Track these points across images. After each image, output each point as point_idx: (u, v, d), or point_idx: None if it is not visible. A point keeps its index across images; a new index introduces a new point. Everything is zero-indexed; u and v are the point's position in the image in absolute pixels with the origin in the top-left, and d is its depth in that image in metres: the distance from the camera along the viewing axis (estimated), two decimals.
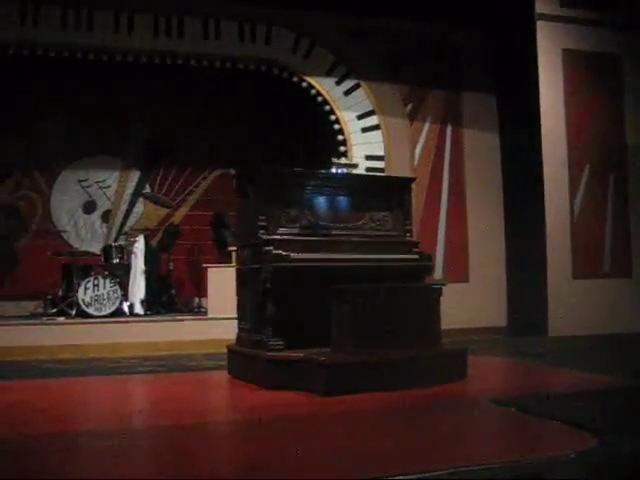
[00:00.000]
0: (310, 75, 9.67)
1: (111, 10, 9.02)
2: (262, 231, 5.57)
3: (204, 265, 9.29)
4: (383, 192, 6.21)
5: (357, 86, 9.78)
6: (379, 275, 5.68)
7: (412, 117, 10.08)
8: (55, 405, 5.07)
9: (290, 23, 9.57)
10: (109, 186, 11.03)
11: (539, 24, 9.73)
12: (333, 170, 6.37)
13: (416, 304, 5.53)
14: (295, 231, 5.70)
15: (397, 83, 9.97)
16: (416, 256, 6.03)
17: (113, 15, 9.02)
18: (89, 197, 10.98)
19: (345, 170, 6.47)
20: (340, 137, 9.71)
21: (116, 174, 11.12)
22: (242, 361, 5.84)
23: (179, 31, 9.23)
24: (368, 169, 9.70)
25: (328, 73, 9.69)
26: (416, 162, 10.04)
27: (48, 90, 10.33)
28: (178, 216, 11.17)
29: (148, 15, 9.16)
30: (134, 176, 11.21)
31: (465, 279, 10.10)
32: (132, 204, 11.12)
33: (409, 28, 9.97)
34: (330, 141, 9.77)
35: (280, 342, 5.39)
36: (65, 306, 9.01)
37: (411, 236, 6.24)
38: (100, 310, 8.86)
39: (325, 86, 9.70)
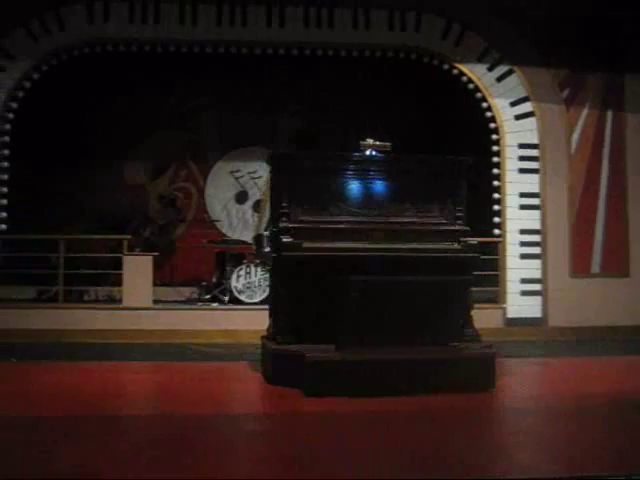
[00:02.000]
0: (461, 62, 9.42)
1: (263, 5, 9.23)
2: (283, 218, 5.36)
3: None
4: (431, 176, 5.72)
5: (510, 72, 9.41)
6: (409, 267, 5.22)
7: (569, 103, 9.57)
8: (204, 387, 5.28)
9: (440, 9, 9.36)
10: (260, 176, 11.32)
11: None
12: (367, 153, 5.80)
13: (433, 301, 5.01)
14: (320, 218, 5.41)
15: (553, 67, 9.50)
16: (458, 246, 5.52)
17: (265, 9, 9.22)
18: (241, 187, 11.33)
19: (375, 152, 5.85)
20: (492, 125, 9.40)
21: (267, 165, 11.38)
22: (263, 354, 5.71)
23: (329, 22, 9.28)
24: (521, 158, 9.36)
25: (480, 59, 9.39)
26: (573, 150, 9.55)
27: (203, 85, 10.75)
28: None
29: (299, 8, 9.28)
30: None
31: (625, 273, 9.51)
32: None
33: (564, 8, 9.44)
34: (482, 129, 9.49)
35: (286, 335, 5.15)
36: (218, 293, 9.34)
37: (462, 224, 5.71)
38: (251, 297, 9.12)
39: (477, 72, 9.42)
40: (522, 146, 9.39)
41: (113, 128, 10.55)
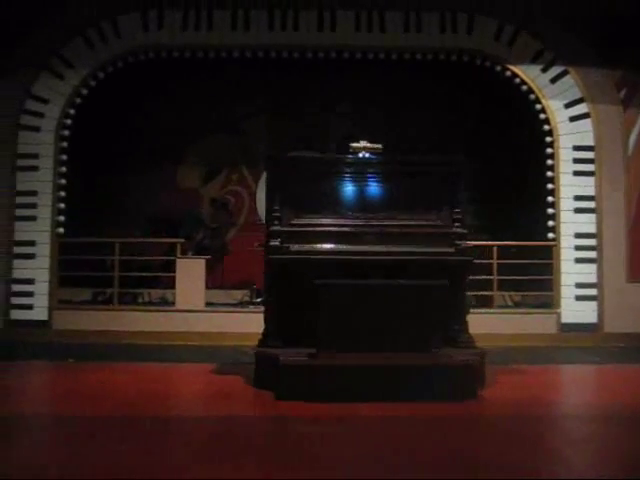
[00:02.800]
0: (514, 63, 9.30)
1: (314, 10, 9.27)
2: (275, 222, 5.32)
3: None
4: (426, 177, 5.63)
5: (565, 73, 9.24)
6: (397, 270, 5.15)
7: (626, 103, 9.35)
8: (174, 389, 5.50)
9: (493, 10, 9.26)
10: None
11: None
12: (360, 155, 5.73)
13: (417, 305, 4.90)
14: (312, 222, 5.38)
15: (609, 67, 9.28)
16: (451, 249, 5.41)
17: (317, 14, 9.27)
18: None
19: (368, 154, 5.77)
20: (546, 127, 9.25)
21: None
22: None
23: (380, 25, 9.27)
24: (576, 160, 9.19)
25: (533, 60, 9.25)
26: (630, 152, 9.32)
27: (255, 89, 10.84)
28: None
29: (350, 11, 9.30)
30: None
31: None
32: None
33: (621, 6, 9.21)
34: (536, 132, 9.36)
35: (274, 339, 5.13)
36: None
37: (460, 226, 5.57)
38: None
39: (530, 74, 9.27)
40: (577, 148, 9.21)
41: (167, 132, 10.72)
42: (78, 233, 9.30)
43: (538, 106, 9.29)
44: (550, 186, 9.26)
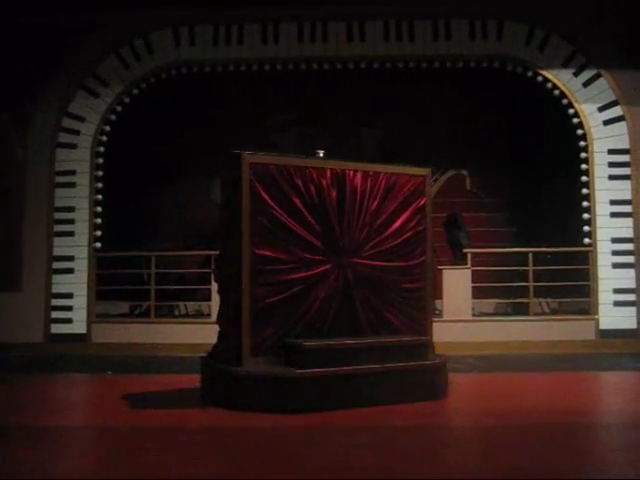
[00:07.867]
0: (546, 68, 9.24)
1: (343, 21, 9.34)
2: None
3: (439, 267, 9.26)
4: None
5: (598, 76, 9.15)
6: None
7: None
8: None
9: (522, 15, 9.22)
10: None
11: None
12: None
13: None
14: None
15: None
16: None
17: (345, 25, 9.34)
18: None
19: None
20: (579, 131, 9.15)
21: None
22: None
23: (410, 35, 9.29)
24: (611, 164, 9.07)
25: (565, 64, 9.19)
26: None
27: (286, 101, 10.88)
28: None
29: (378, 22, 9.34)
30: None
31: None
32: None
33: None
34: (569, 136, 9.27)
35: None
36: None
37: None
38: None
39: (562, 78, 9.21)
40: (612, 152, 9.10)
41: (200, 146, 10.80)
42: (114, 248, 9.43)
43: (571, 110, 9.21)
44: (585, 191, 9.15)
